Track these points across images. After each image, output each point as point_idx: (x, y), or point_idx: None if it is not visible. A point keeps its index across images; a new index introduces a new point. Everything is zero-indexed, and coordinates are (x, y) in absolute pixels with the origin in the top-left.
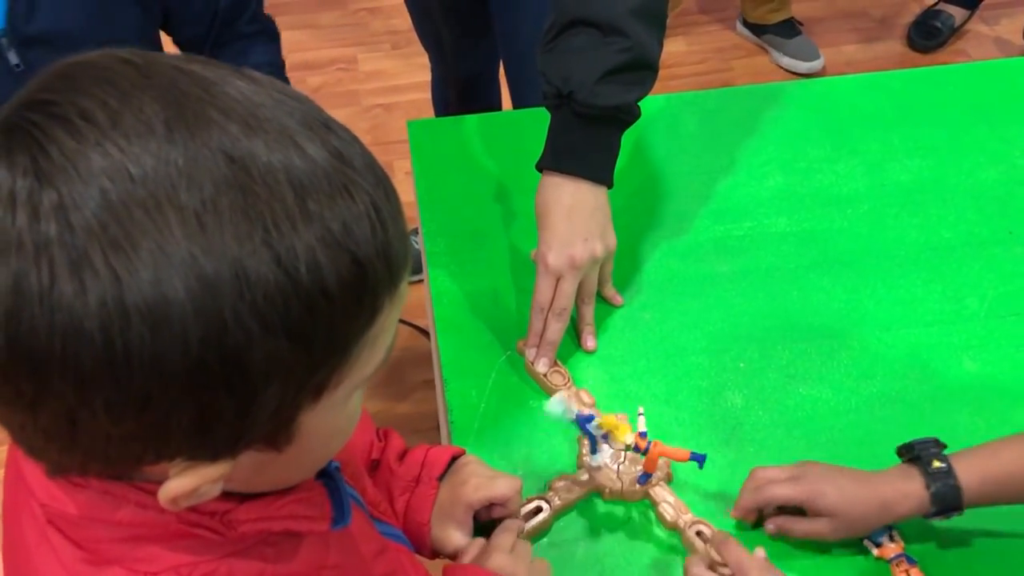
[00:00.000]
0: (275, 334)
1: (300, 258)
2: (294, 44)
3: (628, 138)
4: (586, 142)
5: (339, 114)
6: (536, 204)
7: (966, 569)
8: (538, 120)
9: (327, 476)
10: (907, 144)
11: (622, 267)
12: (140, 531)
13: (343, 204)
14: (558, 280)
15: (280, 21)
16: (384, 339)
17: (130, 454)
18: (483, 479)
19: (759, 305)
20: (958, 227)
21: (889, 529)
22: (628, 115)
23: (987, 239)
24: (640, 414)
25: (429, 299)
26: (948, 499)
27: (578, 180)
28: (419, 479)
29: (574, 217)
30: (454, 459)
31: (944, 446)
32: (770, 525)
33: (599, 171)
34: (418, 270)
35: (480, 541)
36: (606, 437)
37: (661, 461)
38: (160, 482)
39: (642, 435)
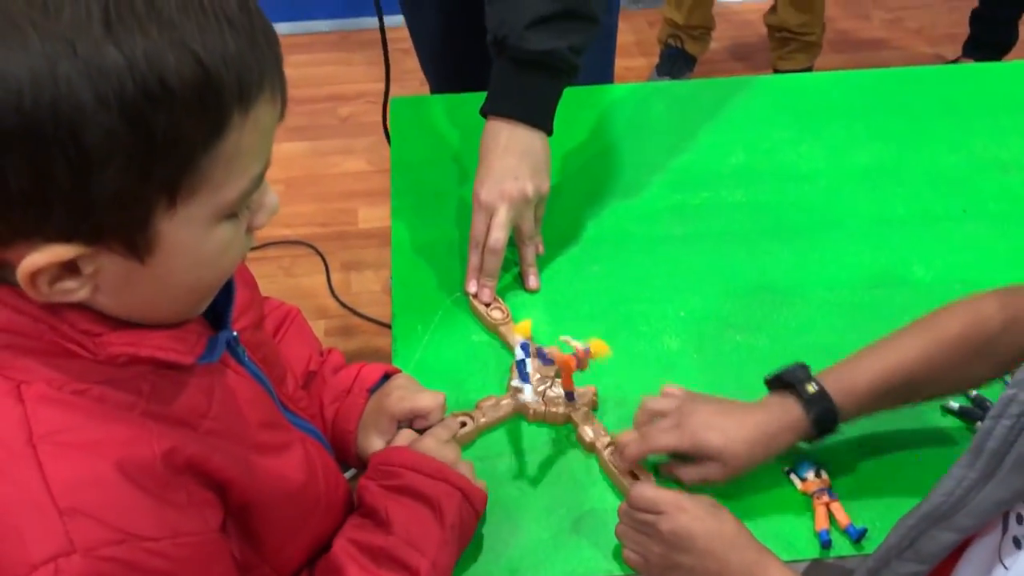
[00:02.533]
0: (108, 109)
1: (139, 46)
2: (328, 78)
3: (594, 115)
4: (521, 87)
5: (363, 141)
6: (479, 148)
7: (888, 506)
8: None
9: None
10: (870, 131)
11: (577, 227)
12: (17, 340)
13: (195, 15)
14: (492, 215)
15: (317, 58)
16: (243, 164)
17: None
18: (407, 391)
19: (707, 263)
20: (912, 204)
21: (817, 466)
22: (562, 62)
23: (940, 215)
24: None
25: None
26: (826, 422)
27: (514, 123)
28: (350, 390)
29: (508, 156)
30: (388, 377)
31: (809, 368)
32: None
33: (534, 115)
34: None
35: (410, 431)
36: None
37: (583, 389)
38: None
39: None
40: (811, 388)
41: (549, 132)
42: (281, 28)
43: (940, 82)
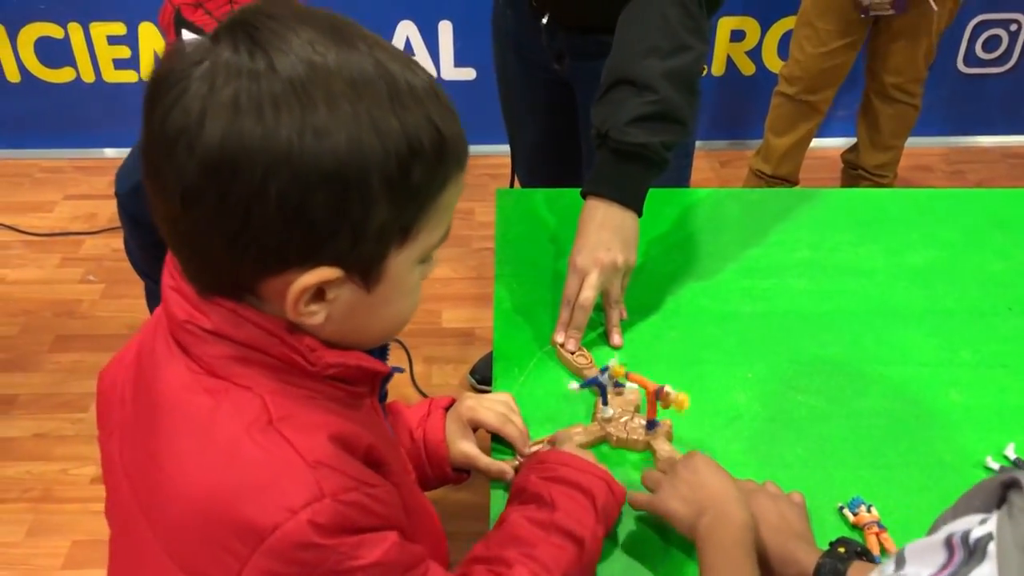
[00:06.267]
0: (389, 159)
1: (409, 118)
2: None
3: (675, 212)
4: (618, 173)
5: (449, 252)
6: (577, 223)
7: None
8: None
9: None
10: (924, 240)
11: (656, 301)
12: (251, 354)
13: (436, 101)
14: (584, 278)
15: None
16: (446, 216)
17: (280, 248)
18: (474, 400)
19: (772, 336)
20: (962, 301)
21: (868, 504)
22: (655, 155)
23: (987, 311)
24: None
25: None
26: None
27: (610, 203)
28: (429, 414)
29: (603, 230)
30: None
31: (859, 545)
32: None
33: (628, 197)
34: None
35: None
36: (617, 385)
37: (661, 421)
38: (274, 312)
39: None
40: (842, 549)
41: (639, 213)
42: None
43: (990, 202)
